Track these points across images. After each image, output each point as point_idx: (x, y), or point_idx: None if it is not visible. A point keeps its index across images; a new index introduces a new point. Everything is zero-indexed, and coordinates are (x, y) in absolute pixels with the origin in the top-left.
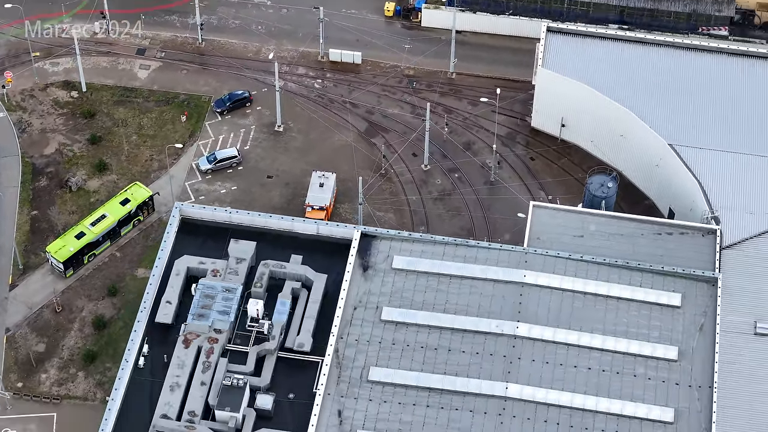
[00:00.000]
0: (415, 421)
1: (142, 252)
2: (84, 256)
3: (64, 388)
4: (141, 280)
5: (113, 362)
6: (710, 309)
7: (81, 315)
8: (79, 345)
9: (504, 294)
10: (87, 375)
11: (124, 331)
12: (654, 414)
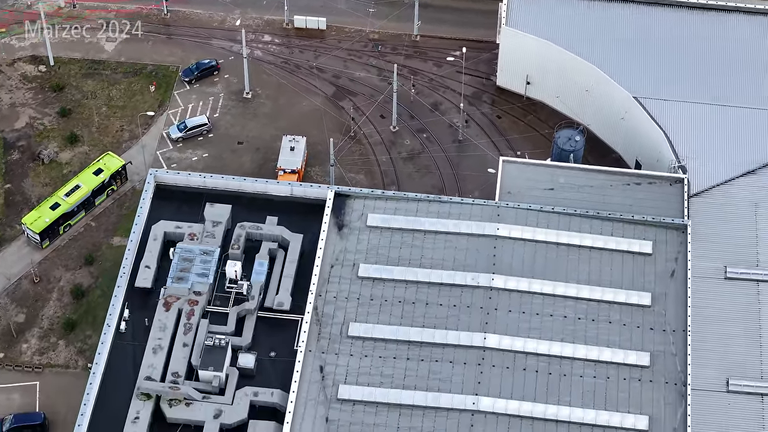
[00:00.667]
0: (396, 373)
1: (117, 221)
2: (59, 226)
3: (46, 357)
4: (117, 248)
5: (93, 330)
6: (681, 255)
7: (59, 285)
8: (58, 314)
9: (478, 247)
10: (68, 343)
11: (103, 299)
12: (630, 359)
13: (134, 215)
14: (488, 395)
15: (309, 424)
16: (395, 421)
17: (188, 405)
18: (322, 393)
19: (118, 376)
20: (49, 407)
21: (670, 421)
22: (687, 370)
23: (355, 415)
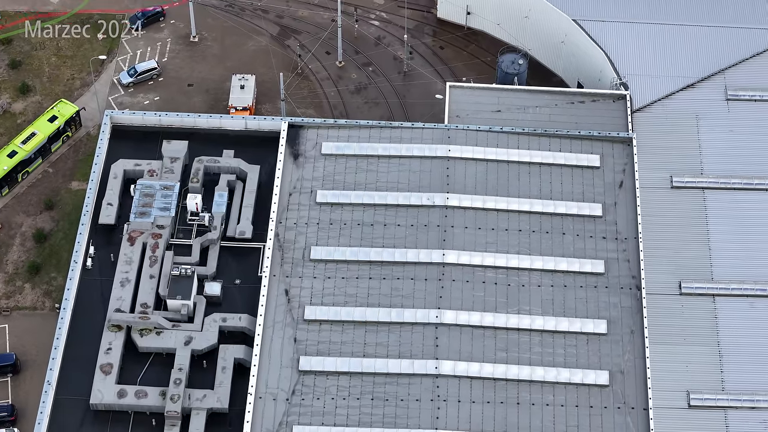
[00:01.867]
0: (359, 293)
1: (74, 166)
2: (17, 174)
3: (13, 301)
4: (76, 192)
5: (58, 272)
6: (628, 167)
7: (21, 230)
8: (22, 258)
9: (431, 169)
10: (33, 286)
11: (65, 242)
12: (586, 267)
13: (91, 160)
14: (450, 308)
15: (278, 345)
16: (362, 337)
17: (159, 334)
18: (288, 315)
19: (87, 310)
20: (20, 348)
21: (627, 323)
22: (641, 275)
23: (322, 334)
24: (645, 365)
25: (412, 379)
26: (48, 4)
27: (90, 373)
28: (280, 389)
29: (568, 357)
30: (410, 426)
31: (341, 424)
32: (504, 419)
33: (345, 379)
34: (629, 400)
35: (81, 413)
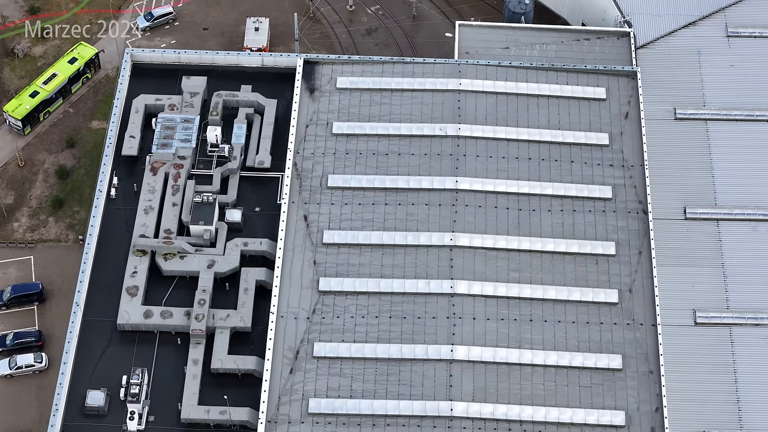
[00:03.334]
0: (375, 218)
1: (94, 106)
2: (39, 113)
3: (37, 234)
4: (96, 130)
5: (80, 206)
6: (633, 99)
7: (44, 167)
8: (45, 194)
9: (443, 101)
10: (57, 219)
11: (87, 178)
12: (594, 192)
13: (110, 101)
14: (464, 231)
15: (298, 267)
16: (379, 259)
17: (182, 258)
18: (307, 239)
19: (112, 237)
20: (45, 278)
21: (635, 245)
22: (647, 200)
23: (340, 256)
24: (653, 284)
25: (428, 298)
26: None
27: (116, 296)
28: (301, 308)
29: (579, 277)
30: (427, 342)
31: (361, 340)
32: (518, 335)
33: (363, 299)
34: (638, 317)
35: (108, 334)
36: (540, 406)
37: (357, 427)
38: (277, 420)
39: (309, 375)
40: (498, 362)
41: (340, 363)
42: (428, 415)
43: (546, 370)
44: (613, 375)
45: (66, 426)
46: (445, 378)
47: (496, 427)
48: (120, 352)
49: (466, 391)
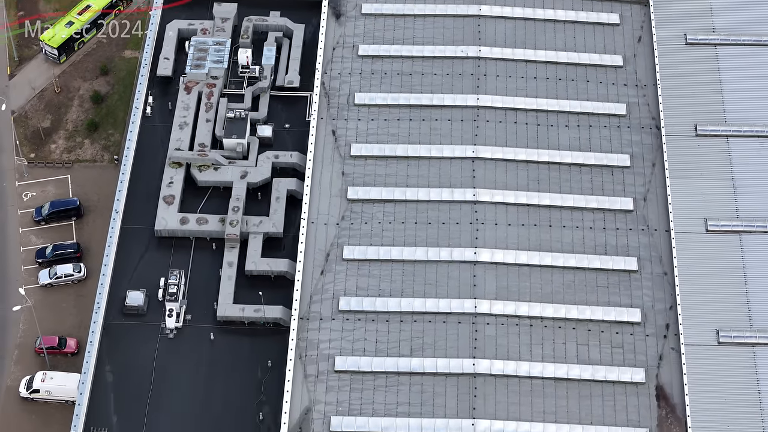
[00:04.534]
0: (401, 132)
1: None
2: (74, 43)
3: (74, 155)
4: (129, 59)
5: (115, 128)
6: (645, 24)
7: (79, 93)
8: (81, 118)
9: (464, 26)
10: (92, 141)
11: (121, 103)
12: (609, 109)
13: (142, 31)
14: (485, 144)
15: (327, 177)
16: (404, 170)
17: (216, 169)
18: (336, 152)
19: (148, 151)
20: (82, 195)
21: (648, 158)
22: (660, 117)
23: (367, 168)
24: (666, 193)
25: (452, 206)
26: None
27: (153, 205)
28: (330, 215)
29: (595, 187)
30: (451, 245)
31: (388, 244)
32: (538, 238)
33: (390, 206)
34: (651, 223)
35: (146, 240)
36: (560, 304)
37: (385, 323)
38: (309, 317)
39: (339, 276)
40: (519, 264)
41: (369, 265)
42: (453, 311)
43: (565, 272)
44: (628, 276)
45: (107, 325)
46: (469, 278)
47: (518, 323)
48: (157, 257)
49: (489, 290)
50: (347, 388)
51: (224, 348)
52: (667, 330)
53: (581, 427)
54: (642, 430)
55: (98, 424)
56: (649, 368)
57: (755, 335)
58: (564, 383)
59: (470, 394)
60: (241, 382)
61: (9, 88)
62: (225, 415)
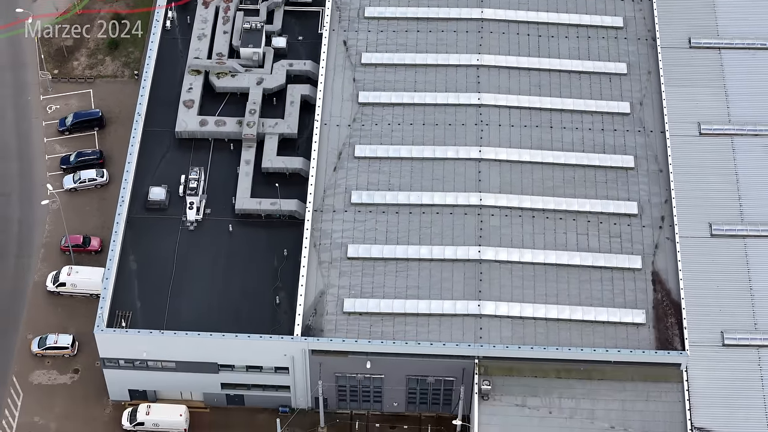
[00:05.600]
0: (408, 42)
1: None
2: None
3: (95, 71)
4: None
5: (135, 47)
6: None
7: (99, 14)
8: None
9: None
10: (113, 59)
11: (141, 23)
12: (606, 21)
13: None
14: (489, 53)
15: (339, 83)
16: (412, 77)
17: (233, 76)
18: (347, 60)
19: (168, 61)
20: (104, 107)
21: (644, 67)
22: (655, 29)
23: (377, 75)
24: (661, 98)
25: (457, 108)
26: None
27: (173, 111)
28: (342, 117)
29: (594, 91)
30: (457, 144)
31: (397, 143)
32: (539, 138)
33: (399, 109)
34: (647, 125)
35: (167, 141)
36: (560, 197)
37: (395, 215)
38: (322, 209)
39: (351, 172)
40: (522, 161)
41: (379, 162)
42: (459, 204)
43: (566, 168)
44: (626, 173)
45: (130, 219)
46: (475, 174)
47: (521, 215)
48: (178, 157)
49: (493, 184)
50: (359, 273)
51: (242, 239)
52: (663, 221)
53: (581, 309)
54: (638, 311)
55: (123, 308)
56: (645, 256)
57: (746, 228)
58: (565, 269)
59: (476, 279)
60: (258, 270)
61: (34, 7)
62: (243, 300)
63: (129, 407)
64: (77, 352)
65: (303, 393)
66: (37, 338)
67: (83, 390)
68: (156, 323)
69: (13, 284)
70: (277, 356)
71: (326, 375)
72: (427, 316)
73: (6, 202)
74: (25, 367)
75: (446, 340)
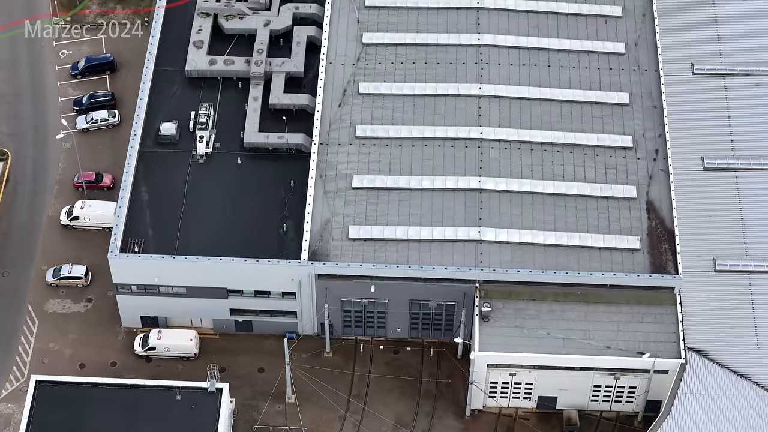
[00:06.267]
0: None
1: None
2: None
3: (107, 18)
4: None
5: None
6: None
7: None
8: None
9: None
10: (124, 7)
11: None
12: None
13: None
14: None
15: (344, 24)
16: (414, 19)
17: (242, 18)
18: (352, 3)
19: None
20: (115, 53)
21: (639, 9)
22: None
23: (380, 17)
24: (655, 39)
25: (458, 48)
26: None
27: (183, 52)
28: (347, 56)
29: (590, 33)
30: (458, 81)
31: (400, 80)
32: (538, 77)
33: (402, 49)
34: (642, 64)
35: (177, 80)
36: (558, 131)
37: (398, 147)
38: (328, 143)
39: (355, 108)
40: (521, 98)
41: (382, 98)
42: (460, 137)
43: (563, 104)
44: (621, 109)
45: (142, 153)
46: (475, 109)
47: (520, 147)
48: (188, 95)
49: (493, 119)
50: (364, 202)
51: (250, 171)
52: (657, 154)
53: (578, 236)
54: (633, 237)
55: (136, 236)
56: (639, 186)
57: (737, 162)
58: (562, 198)
59: (476, 207)
60: (265, 200)
61: None
62: (251, 229)
63: (141, 333)
64: (90, 282)
65: (309, 319)
66: (51, 269)
67: (96, 318)
68: (167, 250)
69: (28, 219)
70: (285, 281)
71: (332, 300)
72: (430, 242)
73: (21, 143)
74: (40, 297)
75: (448, 265)
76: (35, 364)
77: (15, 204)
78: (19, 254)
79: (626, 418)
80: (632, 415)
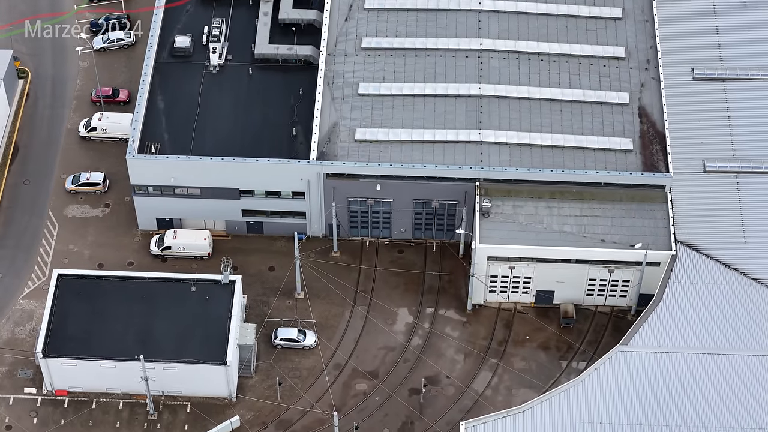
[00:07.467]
0: None
1: None
2: None
3: None
4: None
5: None
6: None
7: None
8: None
9: None
10: None
11: None
12: None
13: None
14: None
15: None
16: None
17: None
18: None
19: None
20: None
21: None
22: None
23: None
24: None
25: None
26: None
27: None
28: None
29: None
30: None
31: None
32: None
33: None
34: None
35: None
36: (554, 42)
37: (402, 57)
38: (335, 53)
39: (361, 22)
40: (518, 12)
41: (387, 13)
42: (461, 48)
43: (559, 18)
44: (614, 22)
45: (158, 64)
46: (475, 23)
47: (518, 57)
48: (201, 11)
49: (492, 32)
50: (369, 107)
51: (261, 81)
52: (648, 64)
53: (574, 137)
54: (626, 139)
55: (152, 140)
56: (632, 93)
57: (726, 72)
58: (558, 104)
59: (477, 111)
60: (275, 107)
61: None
62: (262, 133)
63: (156, 234)
64: (108, 189)
65: (318, 219)
66: (71, 176)
67: (114, 222)
68: (183, 152)
69: (48, 132)
70: (294, 180)
71: (339, 199)
72: (432, 143)
73: (40, 62)
74: (60, 203)
75: (450, 164)
76: (56, 263)
77: (35, 118)
78: (40, 164)
79: (620, 312)
80: (626, 309)
